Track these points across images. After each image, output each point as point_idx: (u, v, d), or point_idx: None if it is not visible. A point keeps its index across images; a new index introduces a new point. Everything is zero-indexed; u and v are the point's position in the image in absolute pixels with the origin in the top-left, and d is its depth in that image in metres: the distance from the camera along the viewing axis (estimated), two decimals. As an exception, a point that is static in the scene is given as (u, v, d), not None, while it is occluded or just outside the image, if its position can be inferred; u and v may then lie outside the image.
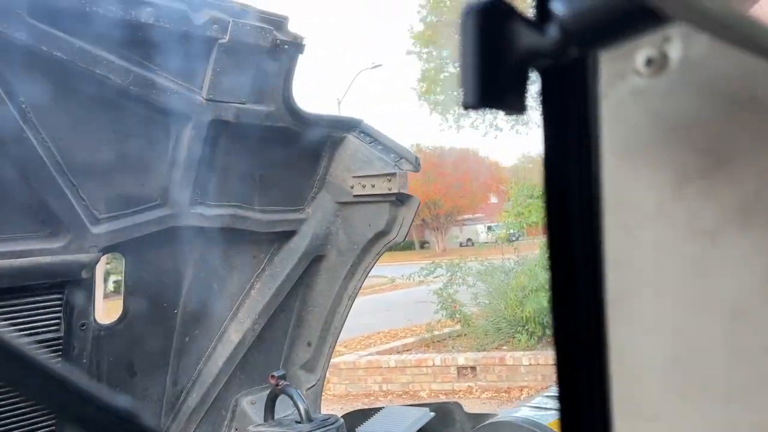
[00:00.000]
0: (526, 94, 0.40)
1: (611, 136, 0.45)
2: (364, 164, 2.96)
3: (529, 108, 0.42)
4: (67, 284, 2.43)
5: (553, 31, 0.38)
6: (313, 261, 3.12)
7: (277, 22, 2.53)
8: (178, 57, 2.31)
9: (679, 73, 0.43)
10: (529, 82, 0.40)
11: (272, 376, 2.70)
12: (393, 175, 2.83)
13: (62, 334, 2.50)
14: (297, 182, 3.04)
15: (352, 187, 2.99)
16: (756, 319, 0.42)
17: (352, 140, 3.01)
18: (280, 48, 2.56)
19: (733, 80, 0.42)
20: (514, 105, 0.40)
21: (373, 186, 2.91)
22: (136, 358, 2.70)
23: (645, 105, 0.44)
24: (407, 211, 2.90)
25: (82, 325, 2.53)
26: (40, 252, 2.31)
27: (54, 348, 2.48)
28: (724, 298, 0.43)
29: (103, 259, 2.80)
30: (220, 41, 2.38)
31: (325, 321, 3.20)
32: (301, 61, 2.69)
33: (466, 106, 0.39)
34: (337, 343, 3.42)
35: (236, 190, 2.83)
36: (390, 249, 3.12)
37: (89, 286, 2.51)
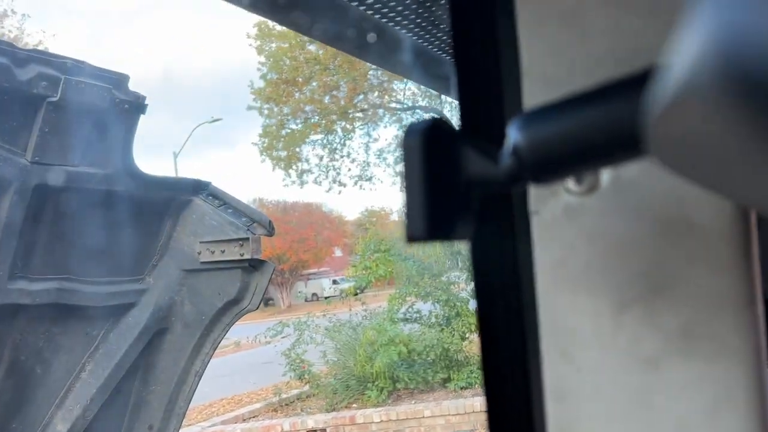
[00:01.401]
0: (474, 221, 0.36)
1: (545, 257, 0.42)
2: (213, 229, 2.80)
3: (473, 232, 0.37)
4: None
5: (507, 159, 0.34)
6: (155, 335, 2.86)
7: (116, 81, 2.35)
8: (-2, 115, 2.05)
9: (611, 192, 0.42)
10: (476, 209, 0.36)
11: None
12: (246, 240, 2.70)
13: None
14: (136, 250, 2.80)
15: (199, 254, 2.80)
16: None
17: (198, 203, 2.84)
18: (119, 107, 2.37)
19: (665, 200, 0.41)
20: (462, 233, 0.36)
21: (223, 252, 2.75)
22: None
23: (579, 224, 0.42)
24: (261, 277, 2.77)
25: None
26: None
27: None
28: (670, 430, 0.41)
29: None
30: (50, 99, 2.15)
31: (169, 401, 2.92)
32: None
33: (413, 239, 0.34)
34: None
35: (66, 261, 2.53)
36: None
37: None
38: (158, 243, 2.83)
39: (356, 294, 11.68)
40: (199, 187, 2.86)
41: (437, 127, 0.35)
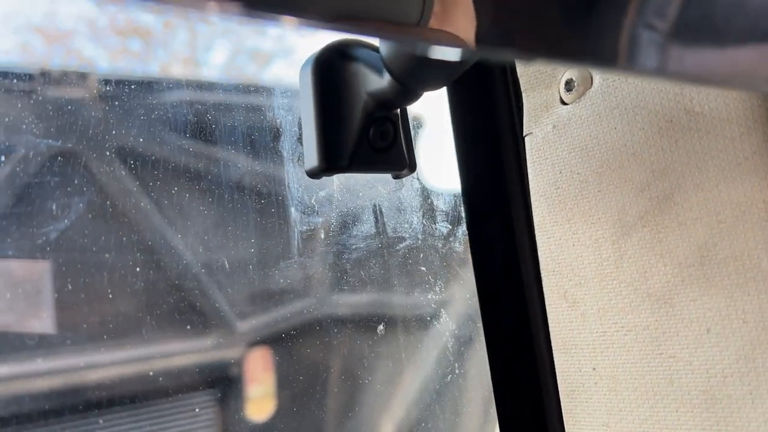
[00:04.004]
0: (401, 148, 0.33)
1: (539, 183, 0.35)
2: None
3: (415, 163, 0.34)
4: (217, 381, 2.53)
5: (385, 74, 0.33)
6: (462, 343, 2.97)
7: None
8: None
9: (600, 94, 0.33)
10: (395, 134, 0.33)
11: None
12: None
13: None
14: (436, 264, 2.96)
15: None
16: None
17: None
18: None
19: (662, 91, 0.29)
20: (391, 162, 0.33)
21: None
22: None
23: (571, 137, 0.35)
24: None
25: (236, 422, 2.60)
26: (190, 351, 2.44)
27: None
28: (698, 383, 0.31)
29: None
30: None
31: (484, 408, 2.99)
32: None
33: (312, 174, 0.32)
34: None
35: (375, 275, 2.81)
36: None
37: (239, 383, 2.58)
38: (454, 257, 2.95)
39: None
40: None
41: (331, 51, 0.33)
